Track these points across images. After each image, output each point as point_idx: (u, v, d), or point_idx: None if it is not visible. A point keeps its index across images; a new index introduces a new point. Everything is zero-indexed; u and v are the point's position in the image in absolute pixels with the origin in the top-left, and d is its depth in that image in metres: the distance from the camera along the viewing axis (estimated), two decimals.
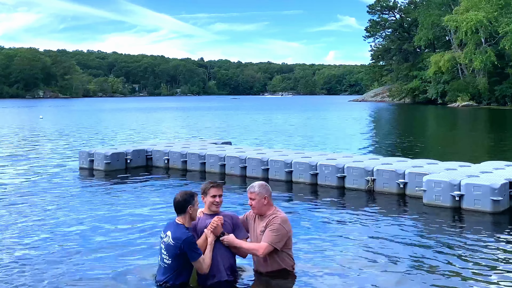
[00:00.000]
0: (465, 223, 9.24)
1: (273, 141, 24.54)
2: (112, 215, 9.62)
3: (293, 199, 11.27)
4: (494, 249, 7.46)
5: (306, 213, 9.84)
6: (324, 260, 6.96)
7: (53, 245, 7.69)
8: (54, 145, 23.31)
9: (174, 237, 5.73)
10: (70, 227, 8.75)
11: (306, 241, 7.84)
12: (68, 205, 10.55)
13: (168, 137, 27.41)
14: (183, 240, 5.67)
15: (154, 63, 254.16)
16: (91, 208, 10.21)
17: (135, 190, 12.25)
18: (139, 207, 10.31)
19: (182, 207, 5.85)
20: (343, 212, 10.02)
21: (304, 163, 12.80)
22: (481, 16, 65.69)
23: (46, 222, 9.08)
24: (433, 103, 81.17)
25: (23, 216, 9.52)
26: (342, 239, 7.97)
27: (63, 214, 9.69)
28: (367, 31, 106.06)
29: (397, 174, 11.32)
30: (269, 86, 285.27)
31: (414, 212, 9.88)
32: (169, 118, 51.25)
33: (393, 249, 7.46)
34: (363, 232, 8.44)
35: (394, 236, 8.11)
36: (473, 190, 9.77)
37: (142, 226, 8.76)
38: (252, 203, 6.16)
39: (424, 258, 7.06)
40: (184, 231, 5.76)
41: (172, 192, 11.82)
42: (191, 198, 5.88)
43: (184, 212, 5.85)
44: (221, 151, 14.77)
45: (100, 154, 15.04)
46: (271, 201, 6.25)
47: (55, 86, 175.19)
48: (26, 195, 11.59)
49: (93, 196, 11.59)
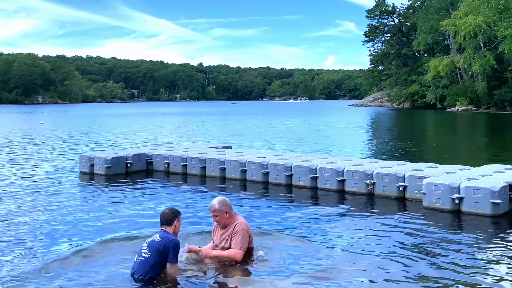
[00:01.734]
0: (464, 226, 9.26)
1: (273, 145, 24.55)
2: (112, 220, 9.64)
3: (293, 203, 11.29)
4: (493, 252, 7.49)
5: (305, 216, 9.86)
6: (322, 264, 6.97)
7: (52, 249, 7.71)
8: (55, 150, 23.33)
9: (162, 236, 6.28)
10: (70, 231, 8.77)
11: (303, 244, 7.86)
12: (68, 209, 10.57)
13: (169, 140, 27.42)
14: (171, 240, 6.20)
15: (153, 69, 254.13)
16: (91, 212, 10.24)
17: (135, 194, 12.27)
18: (139, 211, 10.34)
19: (170, 219, 6.43)
20: (343, 215, 10.04)
21: (304, 167, 12.84)
22: (480, 20, 65.79)
23: (46, 226, 9.10)
24: (432, 107, 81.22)
25: (23, 221, 9.55)
26: (341, 243, 7.98)
27: (63, 218, 9.72)
28: (366, 36, 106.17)
29: (397, 178, 11.35)
30: (268, 91, 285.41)
31: (414, 215, 9.90)
32: (169, 123, 51.27)
33: (393, 252, 7.49)
34: (363, 235, 8.46)
35: (394, 239, 8.14)
36: (473, 193, 9.80)
37: (142, 230, 8.77)
38: (216, 220, 6.80)
39: (423, 261, 7.08)
40: (174, 236, 6.36)
41: (172, 196, 11.90)
42: (178, 214, 6.55)
43: (170, 224, 6.42)
44: (221, 155, 14.80)
45: (101, 158, 15.08)
46: (232, 212, 6.88)
47: (54, 92, 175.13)
48: (26, 199, 11.62)
49: (93, 200, 11.61)
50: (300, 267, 6.75)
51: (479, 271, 6.64)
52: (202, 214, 10.00)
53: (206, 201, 11.29)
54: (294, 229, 8.78)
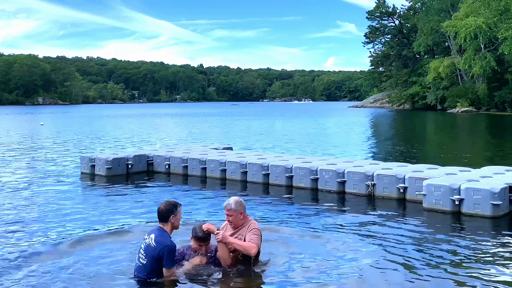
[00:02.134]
0: (465, 227, 9.28)
1: (274, 146, 24.57)
2: (113, 220, 9.66)
3: (293, 204, 11.31)
4: (493, 253, 7.51)
5: (306, 218, 9.88)
6: (323, 265, 6.99)
7: (53, 249, 7.73)
8: (56, 151, 23.36)
9: (157, 240, 5.99)
10: (71, 232, 8.80)
11: (305, 246, 7.89)
12: (69, 209, 10.59)
13: (170, 142, 27.44)
14: (165, 246, 5.94)
15: (153, 70, 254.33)
16: (92, 213, 10.26)
17: (136, 195, 12.30)
18: (140, 212, 10.36)
19: (164, 216, 6.16)
20: (343, 217, 10.06)
21: (304, 168, 12.85)
22: (481, 22, 65.72)
23: (47, 227, 9.12)
24: (433, 109, 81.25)
25: (24, 221, 9.58)
26: (342, 244, 8.00)
27: (64, 219, 9.74)
28: (366, 37, 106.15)
29: (397, 179, 11.37)
30: (268, 92, 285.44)
31: (414, 217, 9.92)
32: (170, 123, 51.30)
33: (393, 253, 7.51)
34: (363, 236, 8.47)
35: (394, 241, 8.16)
36: (473, 194, 9.82)
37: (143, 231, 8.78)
38: (229, 219, 6.61)
39: (423, 262, 7.10)
40: (169, 238, 6.07)
41: (173, 197, 11.88)
42: (174, 208, 6.21)
43: (166, 221, 6.15)
44: (222, 156, 14.82)
45: (101, 159, 15.10)
46: (245, 213, 6.72)
47: (54, 93, 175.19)
48: (28, 199, 11.65)
49: (94, 201, 11.63)
50: (300, 270, 6.77)
51: (480, 273, 6.65)
52: (204, 213, 10.03)
53: (207, 203, 11.35)
54: (294, 231, 8.80)
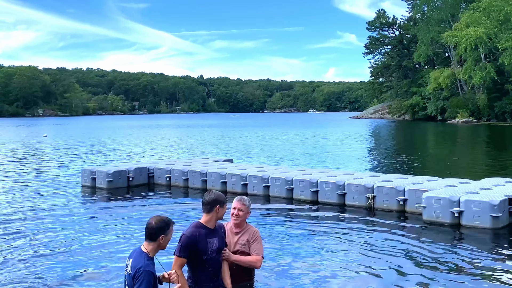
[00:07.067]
0: (464, 239, 9.30)
1: (275, 159, 24.62)
2: (113, 233, 9.69)
3: (293, 216, 11.33)
4: (493, 265, 7.53)
5: (306, 230, 9.90)
6: (324, 277, 7.02)
7: (54, 263, 7.77)
8: (59, 163, 23.43)
9: (132, 265, 5.01)
10: (73, 245, 8.82)
11: (305, 257, 7.92)
12: (70, 222, 10.62)
13: (171, 155, 27.50)
14: (140, 273, 4.88)
15: (153, 81, 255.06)
16: (93, 226, 10.29)
17: (136, 208, 12.32)
18: (140, 225, 10.38)
19: (153, 234, 5.13)
20: (343, 229, 10.07)
21: (304, 181, 12.89)
22: (481, 32, 66.03)
23: (48, 240, 9.14)
24: (433, 119, 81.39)
25: (25, 233, 9.61)
26: (342, 256, 8.03)
27: (65, 231, 9.76)
28: (366, 48, 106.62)
29: (397, 191, 11.41)
30: (268, 103, 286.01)
31: (414, 229, 9.96)
32: (171, 135, 51.36)
33: (393, 265, 7.53)
34: (363, 248, 8.50)
35: (394, 253, 8.19)
36: (473, 207, 9.85)
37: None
38: (239, 214, 6.38)
39: (423, 275, 7.13)
40: (145, 261, 5.00)
41: (174, 209, 11.92)
42: (166, 227, 5.19)
43: (153, 240, 5.13)
44: (223, 169, 14.86)
45: (102, 172, 15.14)
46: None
47: (54, 104, 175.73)
48: (29, 212, 11.67)
49: (95, 214, 11.67)
50: (300, 281, 6.79)
51: (480, 285, 6.68)
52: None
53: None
54: (294, 243, 8.82)
